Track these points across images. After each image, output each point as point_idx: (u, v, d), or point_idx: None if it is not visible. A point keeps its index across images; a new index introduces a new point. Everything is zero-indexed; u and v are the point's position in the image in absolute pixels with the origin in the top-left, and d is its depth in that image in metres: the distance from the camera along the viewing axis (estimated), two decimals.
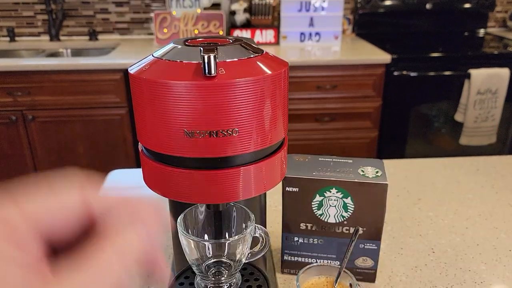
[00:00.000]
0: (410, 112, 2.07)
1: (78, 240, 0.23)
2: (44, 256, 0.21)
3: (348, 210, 0.59)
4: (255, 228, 0.51)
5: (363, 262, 0.62)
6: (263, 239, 0.52)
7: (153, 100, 0.35)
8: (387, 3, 2.35)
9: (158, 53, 0.38)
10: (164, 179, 0.39)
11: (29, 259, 0.20)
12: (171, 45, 0.39)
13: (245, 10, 2.25)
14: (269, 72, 0.36)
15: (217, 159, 0.39)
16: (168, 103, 0.34)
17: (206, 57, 0.33)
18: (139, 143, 0.44)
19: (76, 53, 2.27)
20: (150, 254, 0.24)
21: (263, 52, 0.39)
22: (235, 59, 0.35)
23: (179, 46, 0.38)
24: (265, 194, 0.60)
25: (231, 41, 0.40)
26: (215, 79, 0.33)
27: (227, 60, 0.35)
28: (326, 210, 0.60)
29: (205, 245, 0.48)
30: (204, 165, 0.38)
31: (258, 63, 0.36)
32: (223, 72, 0.34)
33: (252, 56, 0.37)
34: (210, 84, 0.33)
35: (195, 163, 0.37)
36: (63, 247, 0.23)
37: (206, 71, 0.33)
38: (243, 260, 0.51)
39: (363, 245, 0.61)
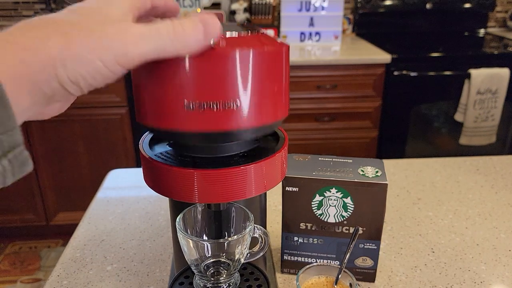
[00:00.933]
0: (410, 112, 2.07)
1: None
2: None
3: (348, 210, 0.59)
4: (254, 228, 0.51)
5: (363, 262, 0.62)
6: (262, 239, 0.52)
7: (153, 71, 0.34)
8: (387, 3, 2.35)
9: None
10: (164, 178, 0.38)
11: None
12: None
13: (245, 10, 2.25)
14: (269, 47, 0.36)
15: (217, 157, 0.38)
16: (167, 73, 0.34)
17: None
18: (139, 143, 0.44)
19: None
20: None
21: (263, 32, 0.39)
22: (236, 35, 0.35)
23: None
24: (265, 193, 0.60)
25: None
26: (215, 49, 0.33)
27: (227, 36, 0.35)
28: (326, 210, 0.60)
29: (204, 244, 0.48)
30: (204, 163, 0.38)
31: (259, 39, 0.36)
32: (223, 44, 0.34)
33: (253, 33, 0.37)
34: (210, 53, 0.33)
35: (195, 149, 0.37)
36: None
37: None
38: (242, 260, 0.51)
39: (363, 245, 0.61)
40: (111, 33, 0.29)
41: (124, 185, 0.94)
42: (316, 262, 0.63)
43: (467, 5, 2.41)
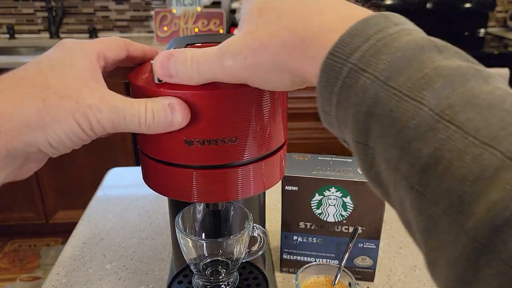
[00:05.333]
0: None
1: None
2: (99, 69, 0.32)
3: (347, 209, 0.59)
4: (253, 227, 0.51)
5: (362, 261, 0.62)
6: (261, 238, 0.52)
7: None
8: (388, 2, 2.34)
9: None
10: (163, 178, 0.38)
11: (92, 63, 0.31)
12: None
13: None
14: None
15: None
16: None
17: None
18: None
19: None
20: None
21: None
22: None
23: None
24: (264, 193, 0.60)
25: None
26: (214, 89, 0.33)
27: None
28: (325, 209, 0.59)
29: (202, 244, 0.48)
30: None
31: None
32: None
33: None
34: (209, 94, 0.33)
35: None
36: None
37: None
38: (241, 260, 0.51)
39: (362, 244, 0.61)
40: (86, 97, 0.29)
41: (123, 184, 0.94)
42: (315, 261, 0.63)
43: (467, 5, 2.40)
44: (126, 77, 0.37)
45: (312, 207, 0.60)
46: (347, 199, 0.58)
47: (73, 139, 0.30)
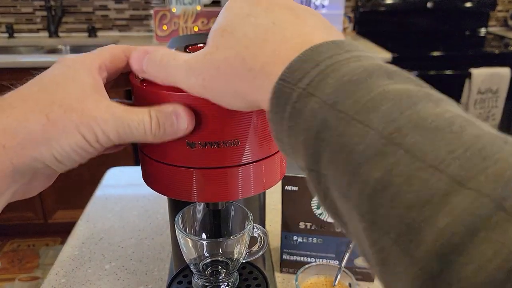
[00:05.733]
0: None
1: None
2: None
3: None
4: (253, 227, 0.50)
5: (362, 261, 0.62)
6: (261, 238, 0.52)
7: None
8: (388, 1, 2.34)
9: None
10: (162, 177, 0.38)
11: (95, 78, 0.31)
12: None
13: None
14: None
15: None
16: None
17: None
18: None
19: (75, 49, 2.26)
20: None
21: None
22: None
23: None
24: (264, 192, 0.59)
25: None
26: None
27: None
28: None
29: (202, 244, 0.47)
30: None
31: None
32: None
33: None
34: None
35: None
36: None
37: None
38: (241, 260, 0.50)
39: None
40: (91, 109, 0.29)
41: (122, 183, 0.94)
42: (316, 261, 0.63)
43: (468, 4, 2.40)
44: (129, 83, 0.37)
45: (312, 207, 0.59)
46: None
47: (79, 152, 0.29)
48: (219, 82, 0.28)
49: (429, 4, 2.37)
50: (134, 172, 0.99)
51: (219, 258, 0.49)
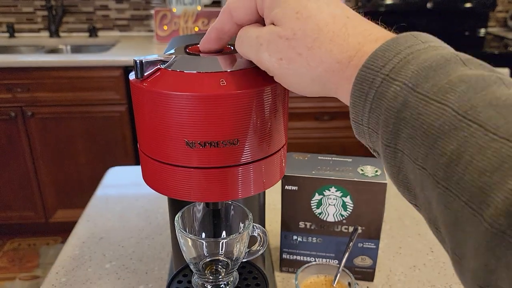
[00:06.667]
0: None
1: None
2: None
3: (347, 209, 0.59)
4: (253, 227, 0.51)
5: (361, 261, 0.62)
6: (261, 238, 0.52)
7: (154, 110, 0.35)
8: (388, 2, 2.34)
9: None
10: (163, 177, 0.38)
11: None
12: (171, 53, 0.39)
13: None
14: (270, 83, 0.36)
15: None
16: (169, 114, 0.34)
17: (138, 61, 0.34)
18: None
19: (76, 49, 2.26)
20: None
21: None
22: (236, 70, 0.35)
23: (180, 56, 0.38)
24: (264, 192, 0.59)
25: (232, 48, 0.40)
26: (216, 91, 0.33)
27: (228, 70, 0.35)
28: (325, 209, 0.59)
29: (202, 243, 0.48)
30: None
31: (259, 74, 0.36)
32: (224, 83, 0.34)
33: (253, 66, 0.37)
34: (212, 96, 0.33)
35: None
36: None
37: (138, 75, 0.35)
38: (241, 259, 0.50)
39: (362, 244, 0.61)
40: None
41: (123, 183, 0.94)
42: (315, 261, 0.63)
43: (468, 5, 2.40)
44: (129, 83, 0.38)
45: (312, 207, 0.60)
46: (347, 199, 0.58)
47: None
48: (301, 66, 0.29)
49: (429, 5, 2.37)
50: (134, 172, 0.99)
51: (219, 258, 0.50)
